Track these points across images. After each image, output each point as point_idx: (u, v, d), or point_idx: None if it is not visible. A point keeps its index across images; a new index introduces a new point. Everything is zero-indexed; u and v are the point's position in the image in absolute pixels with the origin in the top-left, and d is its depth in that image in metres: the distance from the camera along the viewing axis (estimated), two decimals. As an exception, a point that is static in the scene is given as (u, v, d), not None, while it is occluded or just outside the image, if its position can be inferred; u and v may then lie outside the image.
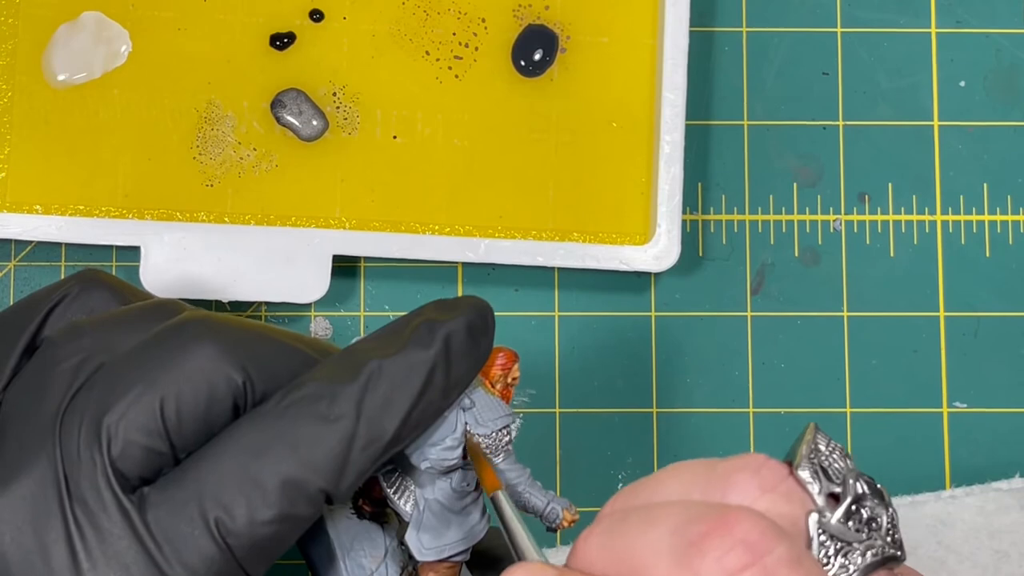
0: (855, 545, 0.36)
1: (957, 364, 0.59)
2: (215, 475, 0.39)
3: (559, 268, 0.59)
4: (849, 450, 0.59)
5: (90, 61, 0.58)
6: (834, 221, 0.60)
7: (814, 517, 0.36)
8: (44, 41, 0.58)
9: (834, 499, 0.36)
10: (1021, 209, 0.60)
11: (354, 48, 0.59)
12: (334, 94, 0.59)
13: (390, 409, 0.41)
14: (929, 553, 0.57)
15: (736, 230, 0.60)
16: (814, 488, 0.36)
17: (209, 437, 0.40)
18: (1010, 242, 0.60)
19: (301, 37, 0.59)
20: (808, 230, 0.60)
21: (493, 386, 0.43)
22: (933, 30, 0.61)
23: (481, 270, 0.59)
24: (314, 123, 0.58)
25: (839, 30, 0.61)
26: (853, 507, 0.36)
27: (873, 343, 0.59)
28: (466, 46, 0.59)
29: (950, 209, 0.60)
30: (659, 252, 0.57)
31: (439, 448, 0.42)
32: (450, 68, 0.59)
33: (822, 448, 0.37)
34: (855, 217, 0.60)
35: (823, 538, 0.35)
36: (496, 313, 0.44)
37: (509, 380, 0.43)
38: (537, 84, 0.59)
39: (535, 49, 0.59)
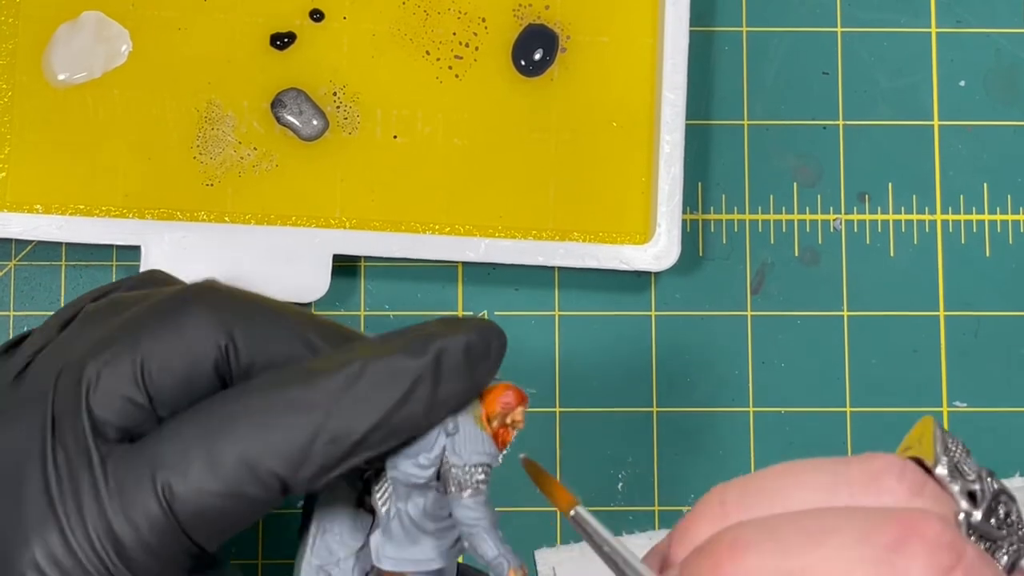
0: (1000, 543, 0.35)
1: (957, 364, 0.59)
2: (176, 441, 0.40)
3: (559, 267, 0.59)
4: (849, 451, 0.59)
5: (90, 61, 0.58)
6: (834, 221, 0.60)
7: (962, 517, 0.35)
8: (44, 41, 0.58)
9: (971, 497, 0.36)
10: (1021, 209, 0.60)
11: (354, 48, 0.59)
12: (334, 94, 0.59)
13: (364, 410, 0.40)
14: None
15: (736, 230, 0.60)
16: (955, 487, 0.36)
17: (192, 403, 0.41)
18: (1010, 242, 0.60)
19: (301, 37, 0.59)
20: (808, 230, 0.60)
21: (489, 422, 0.42)
22: (933, 30, 0.61)
23: (481, 270, 0.59)
24: (314, 123, 0.58)
25: (839, 30, 0.61)
26: (992, 504, 0.35)
27: (873, 343, 0.59)
28: (466, 46, 0.59)
29: (950, 209, 0.60)
30: (659, 252, 0.57)
31: (410, 462, 0.41)
32: (450, 68, 0.59)
33: (950, 445, 0.36)
34: (855, 217, 0.60)
35: (973, 538, 0.35)
36: (496, 313, 0.43)
37: (509, 420, 0.42)
38: (537, 84, 0.59)
39: (535, 49, 0.59)
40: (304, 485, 0.40)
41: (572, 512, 0.39)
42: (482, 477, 0.41)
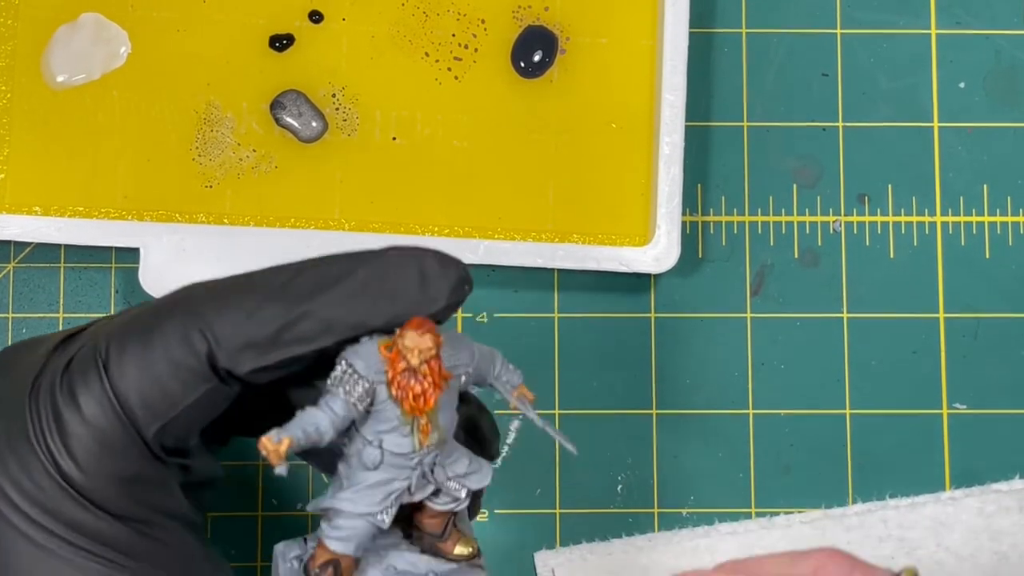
0: None
1: (957, 365, 0.59)
2: (123, 316, 0.42)
3: (559, 269, 0.58)
4: (848, 453, 0.59)
5: (89, 62, 0.58)
6: (834, 222, 0.60)
7: None
8: (43, 42, 0.58)
9: None
10: (1021, 210, 0.60)
11: (353, 49, 0.59)
12: (333, 95, 0.59)
13: (299, 298, 0.41)
14: (929, 555, 0.57)
15: (736, 231, 0.60)
16: None
17: (198, 397, 0.42)
18: (1010, 243, 0.60)
19: (300, 38, 0.59)
20: (808, 231, 0.60)
21: (387, 343, 0.42)
22: (933, 31, 0.61)
23: (481, 271, 0.59)
24: (313, 124, 0.58)
25: (839, 31, 0.61)
26: None
27: (873, 344, 0.59)
28: (465, 47, 0.59)
29: (950, 210, 0.60)
30: (659, 253, 0.57)
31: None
32: (449, 69, 0.59)
33: None
34: (855, 218, 0.60)
35: None
36: (495, 314, 0.43)
37: (400, 345, 0.41)
38: (537, 85, 0.59)
39: (535, 50, 0.59)
40: (233, 363, 0.41)
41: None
42: (338, 373, 0.41)
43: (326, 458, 0.44)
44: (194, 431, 0.43)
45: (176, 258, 0.57)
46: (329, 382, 0.41)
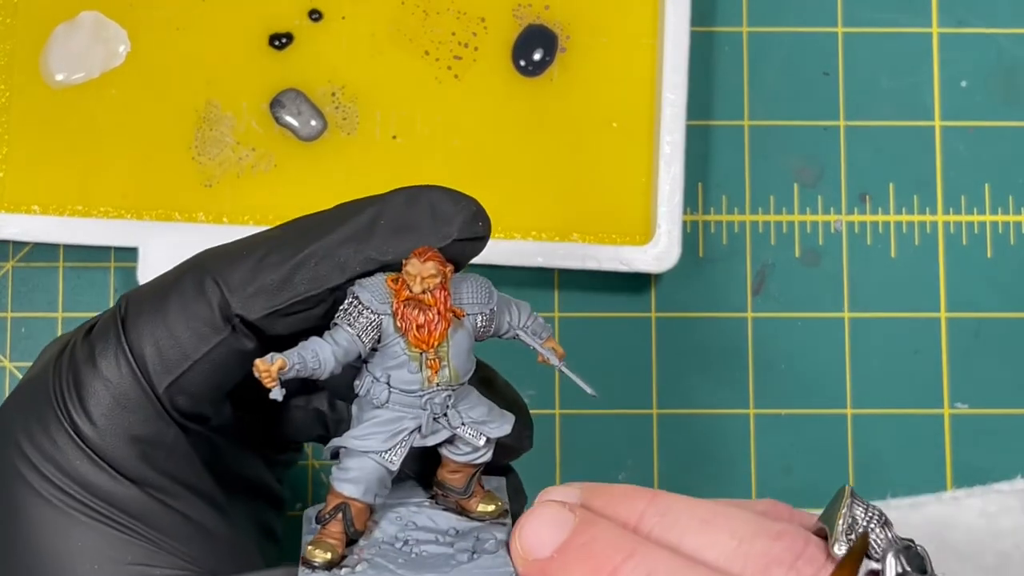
0: None
1: (958, 365, 0.59)
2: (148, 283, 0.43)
3: (559, 268, 0.58)
4: (850, 452, 0.59)
5: (88, 61, 0.58)
6: (835, 222, 0.60)
7: None
8: (42, 41, 0.58)
9: None
10: (1022, 209, 0.60)
11: (353, 48, 0.59)
12: (333, 94, 0.58)
13: (310, 237, 0.41)
14: (930, 555, 0.57)
15: (737, 230, 0.60)
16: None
17: (217, 355, 0.42)
18: (1011, 243, 0.60)
19: (300, 37, 0.59)
20: (809, 230, 0.60)
21: (395, 276, 0.41)
22: (934, 30, 0.61)
23: (481, 270, 0.59)
24: (313, 123, 0.58)
25: (840, 30, 0.61)
26: None
27: (874, 344, 0.59)
28: (466, 46, 0.59)
29: (951, 209, 0.60)
30: (659, 253, 0.57)
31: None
32: (449, 68, 0.59)
33: (859, 517, 0.37)
34: (856, 218, 0.60)
35: None
36: (496, 314, 0.43)
37: (404, 274, 0.40)
38: (537, 84, 0.59)
39: (535, 49, 0.59)
40: (246, 308, 0.41)
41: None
42: (344, 306, 0.40)
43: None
44: (210, 391, 0.42)
45: (175, 257, 0.56)
46: (336, 316, 0.40)
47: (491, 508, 0.43)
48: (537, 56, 0.59)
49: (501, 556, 0.40)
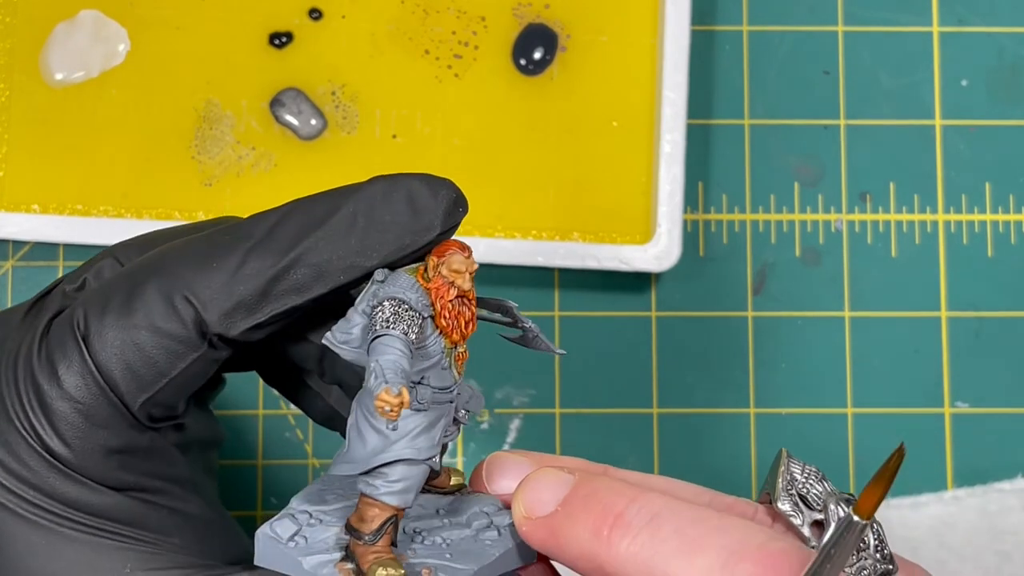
0: (847, 570, 0.36)
1: (959, 364, 0.59)
2: (102, 286, 0.40)
3: (559, 268, 0.58)
4: (850, 452, 0.59)
5: (88, 60, 0.58)
6: (835, 221, 0.60)
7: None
8: (42, 40, 0.58)
9: (819, 526, 0.37)
10: (1023, 208, 0.60)
11: (353, 47, 0.59)
12: (333, 93, 0.58)
13: (285, 245, 0.39)
14: (931, 554, 0.57)
15: (737, 230, 0.60)
16: (797, 520, 0.37)
17: (189, 363, 0.40)
18: (1012, 242, 0.60)
19: (300, 36, 0.59)
20: (809, 230, 0.60)
21: (426, 272, 0.39)
22: (935, 29, 0.61)
23: (481, 270, 0.59)
24: (313, 122, 0.58)
25: (840, 29, 0.61)
26: (842, 532, 0.35)
27: (874, 343, 0.59)
28: (466, 45, 0.59)
29: (952, 209, 0.60)
30: (660, 252, 0.57)
31: (344, 323, 0.39)
32: (450, 67, 0.59)
33: (798, 476, 0.38)
34: (856, 217, 0.60)
35: (828, 565, 0.35)
36: (496, 314, 0.43)
37: (444, 271, 0.38)
38: (537, 83, 0.59)
39: (535, 48, 0.59)
40: (224, 326, 0.39)
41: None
42: (388, 314, 0.37)
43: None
44: (183, 398, 0.41)
45: (175, 256, 0.56)
46: (380, 320, 0.37)
47: (460, 480, 0.42)
48: (537, 55, 0.59)
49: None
